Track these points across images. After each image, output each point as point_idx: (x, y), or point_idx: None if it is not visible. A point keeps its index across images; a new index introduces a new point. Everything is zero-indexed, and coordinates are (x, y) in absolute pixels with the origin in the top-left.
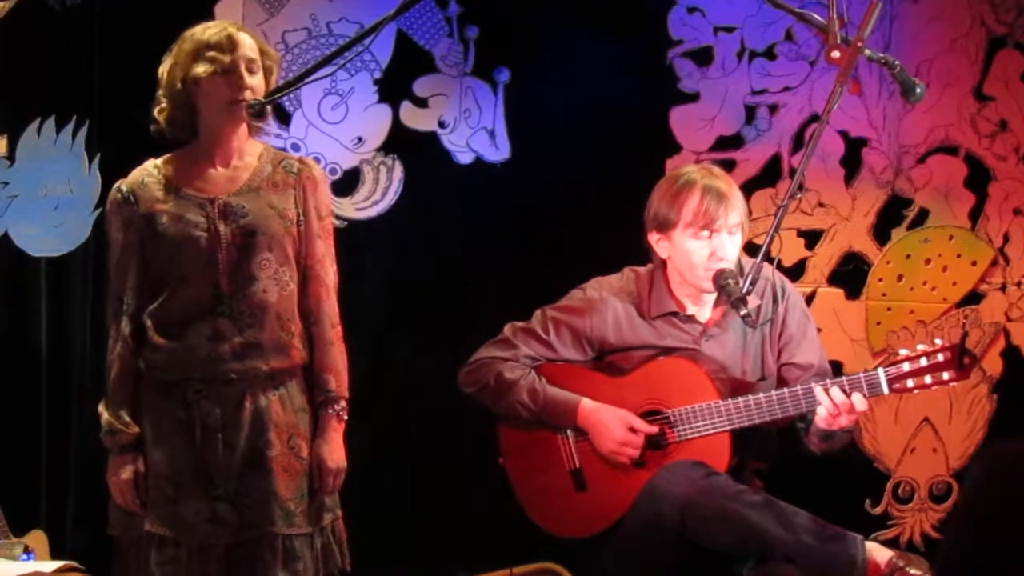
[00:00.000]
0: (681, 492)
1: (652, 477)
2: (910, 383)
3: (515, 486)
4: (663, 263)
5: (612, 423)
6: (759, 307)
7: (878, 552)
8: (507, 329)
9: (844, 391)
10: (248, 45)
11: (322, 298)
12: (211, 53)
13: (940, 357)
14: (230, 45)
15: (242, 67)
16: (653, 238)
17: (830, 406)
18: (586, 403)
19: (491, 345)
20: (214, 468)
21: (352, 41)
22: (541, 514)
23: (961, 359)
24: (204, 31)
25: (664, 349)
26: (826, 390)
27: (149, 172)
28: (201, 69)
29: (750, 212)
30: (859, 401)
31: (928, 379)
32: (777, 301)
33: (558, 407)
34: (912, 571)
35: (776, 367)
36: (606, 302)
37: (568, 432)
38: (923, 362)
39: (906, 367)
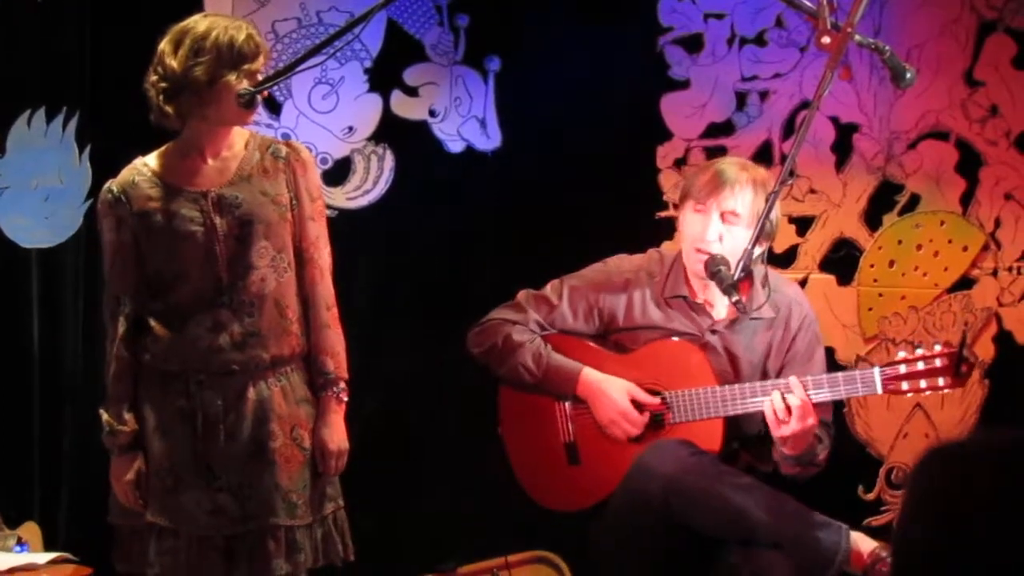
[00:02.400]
0: (666, 470)
1: (640, 454)
2: (904, 386)
3: (511, 456)
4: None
5: (615, 392)
6: (772, 319)
7: (863, 542)
8: (520, 294)
9: (783, 398)
10: (264, 49)
11: (316, 281)
12: (246, 65)
13: (938, 363)
14: (256, 51)
15: (259, 73)
16: (680, 212)
17: (770, 414)
18: (588, 371)
19: (503, 308)
20: (215, 459)
21: (342, 30)
22: (533, 486)
23: (959, 366)
24: (226, 32)
25: (670, 332)
26: (782, 394)
27: (139, 171)
28: (234, 78)
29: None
30: (793, 400)
31: (923, 383)
32: (791, 319)
33: (560, 373)
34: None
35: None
36: (623, 278)
37: (566, 403)
38: (920, 366)
39: (902, 369)
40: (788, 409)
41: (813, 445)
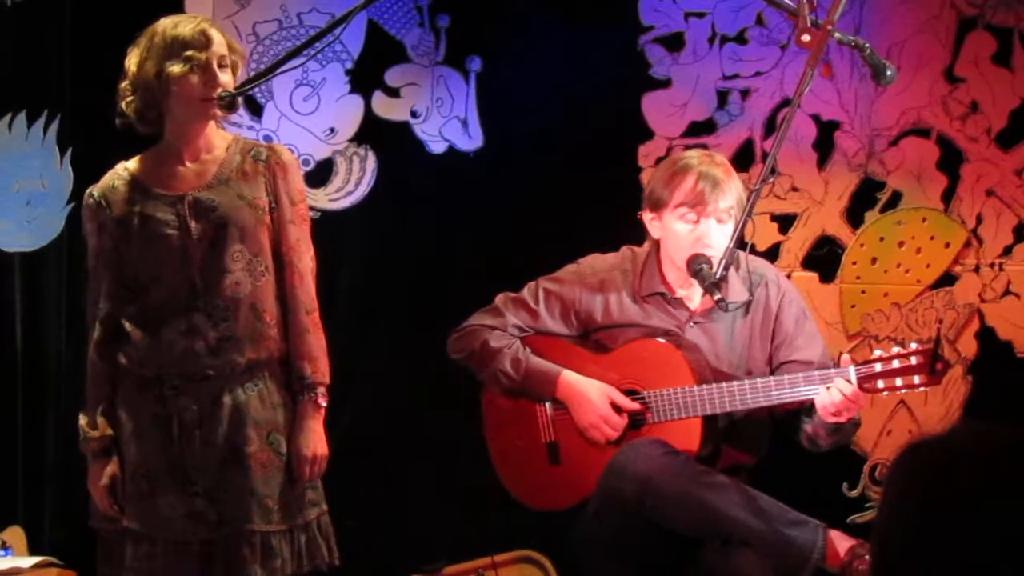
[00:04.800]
0: (638, 469)
1: (615, 454)
2: (880, 384)
3: (494, 457)
4: (657, 243)
5: (595, 396)
6: (749, 302)
7: (840, 540)
8: (499, 298)
9: (849, 382)
10: (219, 41)
11: (296, 285)
12: (188, 52)
13: (913, 360)
14: (205, 42)
15: (215, 64)
16: (647, 217)
17: (838, 400)
18: (567, 374)
19: (482, 313)
20: (191, 464)
21: (323, 31)
22: (516, 485)
23: (933, 364)
24: (175, 26)
25: (650, 330)
26: (832, 387)
27: (119, 175)
28: (177, 68)
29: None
30: (846, 387)
31: (899, 381)
32: (770, 299)
33: (539, 377)
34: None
35: (766, 365)
36: (598, 278)
37: (547, 404)
38: (895, 364)
39: (878, 367)
40: (836, 405)
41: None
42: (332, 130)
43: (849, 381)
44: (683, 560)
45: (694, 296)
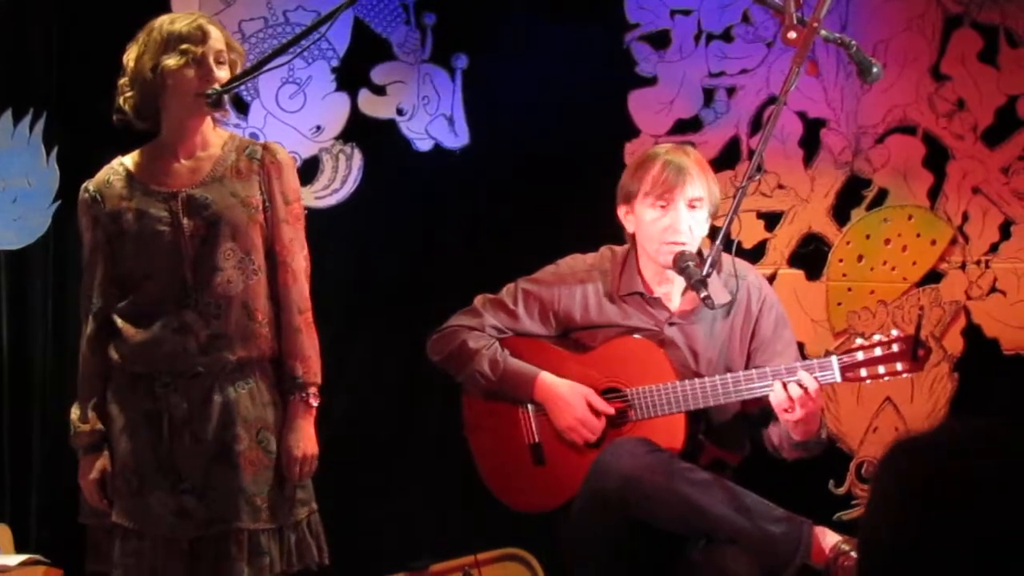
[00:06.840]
0: (623, 468)
1: (599, 453)
2: (863, 372)
3: (477, 459)
4: (634, 241)
5: (572, 398)
6: (730, 303)
7: (825, 537)
8: (477, 300)
9: (799, 384)
10: (217, 37)
11: (288, 284)
12: (184, 45)
13: (895, 348)
14: (201, 36)
15: (211, 59)
16: (621, 212)
17: (796, 394)
18: (544, 376)
19: (460, 314)
20: (181, 461)
21: (309, 29)
22: (500, 488)
23: (915, 350)
24: (173, 21)
25: (629, 329)
26: (785, 385)
27: (115, 170)
28: (172, 61)
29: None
30: (810, 383)
31: (881, 369)
32: (751, 302)
33: (516, 379)
34: (856, 555)
35: (744, 366)
36: (577, 278)
37: (529, 406)
38: (877, 352)
39: (860, 356)
40: (791, 398)
41: (819, 426)
42: (318, 128)
43: (814, 377)
44: (668, 558)
45: (673, 296)
